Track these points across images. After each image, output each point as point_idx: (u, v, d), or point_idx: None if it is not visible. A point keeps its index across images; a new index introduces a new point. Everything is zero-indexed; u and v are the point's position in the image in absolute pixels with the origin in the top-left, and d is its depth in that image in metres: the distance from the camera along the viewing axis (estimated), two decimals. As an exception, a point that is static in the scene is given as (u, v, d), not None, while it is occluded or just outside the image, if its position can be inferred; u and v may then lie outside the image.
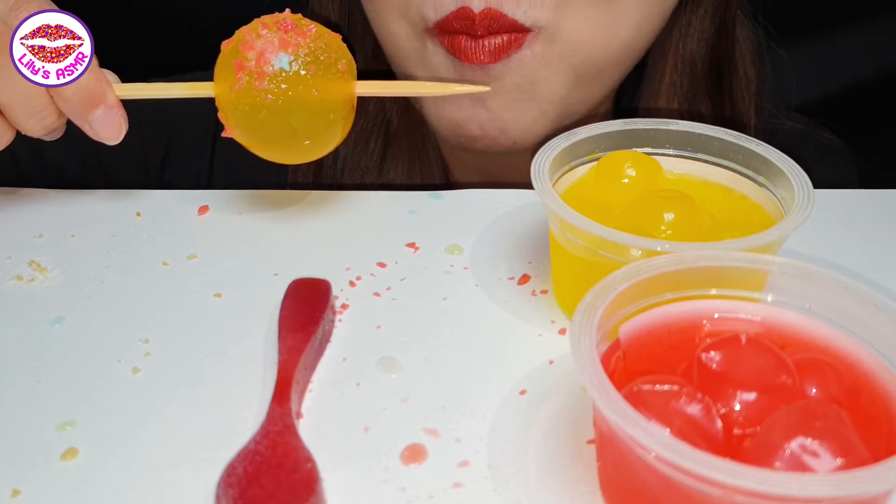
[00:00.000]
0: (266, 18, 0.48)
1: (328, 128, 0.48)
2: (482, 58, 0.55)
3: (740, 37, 0.65)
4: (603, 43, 0.57)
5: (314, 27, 0.48)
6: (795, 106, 0.73)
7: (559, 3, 0.54)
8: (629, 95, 0.68)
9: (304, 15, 0.49)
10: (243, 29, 0.48)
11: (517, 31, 0.54)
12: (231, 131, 0.48)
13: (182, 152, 0.75)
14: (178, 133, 0.75)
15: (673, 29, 0.63)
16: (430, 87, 0.51)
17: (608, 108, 0.69)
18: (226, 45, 0.48)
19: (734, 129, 0.48)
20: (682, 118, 0.49)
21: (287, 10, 0.48)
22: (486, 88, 0.50)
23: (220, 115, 0.48)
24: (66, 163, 0.72)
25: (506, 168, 0.67)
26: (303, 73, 0.46)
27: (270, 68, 0.46)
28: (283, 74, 0.46)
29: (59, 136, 0.50)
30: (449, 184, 0.70)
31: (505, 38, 0.55)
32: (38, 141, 0.49)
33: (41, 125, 0.47)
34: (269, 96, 0.46)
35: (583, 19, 0.55)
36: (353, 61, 0.49)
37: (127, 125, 0.49)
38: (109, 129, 0.48)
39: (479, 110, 0.58)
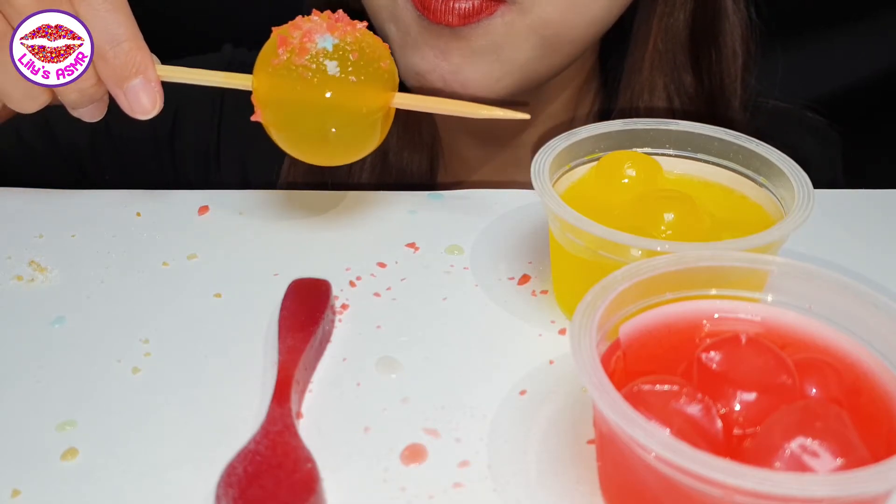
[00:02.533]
0: (317, 12, 0.47)
1: (359, 121, 0.46)
2: (450, 19, 0.55)
3: (729, 11, 0.65)
4: (573, 19, 0.57)
5: (363, 25, 0.47)
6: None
7: None
8: (614, 63, 0.68)
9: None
10: (296, 18, 0.47)
11: None
12: (261, 115, 0.47)
13: (190, 120, 0.76)
14: (186, 103, 0.76)
15: (656, 3, 0.64)
16: (469, 107, 0.49)
17: (587, 76, 0.69)
18: (276, 29, 0.47)
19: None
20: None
21: (339, 10, 0.48)
22: (526, 116, 0.49)
23: (253, 97, 0.47)
24: (76, 137, 0.73)
25: (497, 135, 0.68)
26: (345, 57, 0.45)
27: (314, 46, 0.45)
28: (325, 54, 0.45)
29: (98, 116, 0.49)
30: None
31: (476, 3, 0.55)
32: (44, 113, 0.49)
33: (77, 90, 0.47)
34: (308, 73, 0.44)
35: None
36: (395, 70, 0.48)
37: (162, 103, 0.48)
38: (144, 100, 0.47)
39: (442, 62, 0.58)
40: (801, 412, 0.30)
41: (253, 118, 0.47)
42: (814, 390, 0.32)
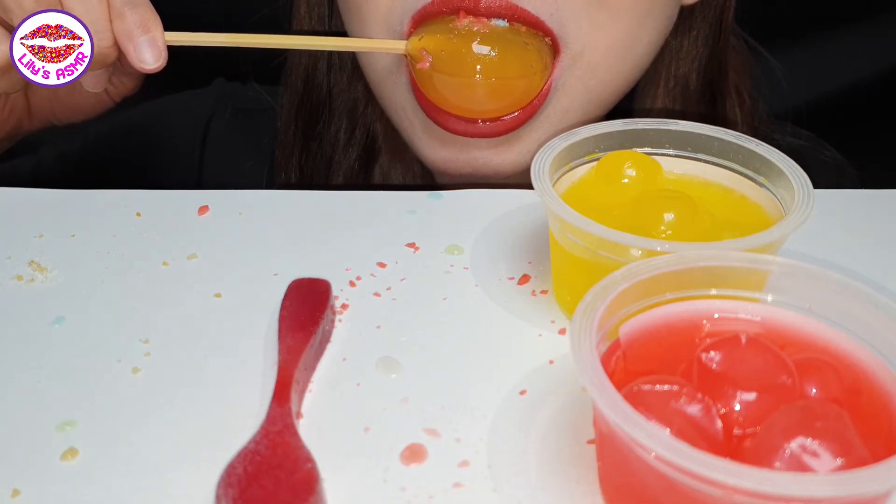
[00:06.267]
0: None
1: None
2: (487, 131, 0.55)
3: (732, 57, 0.65)
4: (618, 61, 0.56)
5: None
6: (793, 108, 0.73)
7: (590, 11, 0.53)
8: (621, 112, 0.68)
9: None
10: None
11: (535, 27, 0.53)
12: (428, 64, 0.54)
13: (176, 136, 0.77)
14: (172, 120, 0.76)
15: (664, 52, 0.63)
16: None
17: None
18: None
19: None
20: None
21: None
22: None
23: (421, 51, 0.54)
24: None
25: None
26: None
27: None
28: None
29: (102, 86, 0.54)
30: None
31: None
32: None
33: (98, 51, 0.50)
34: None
35: (604, 35, 0.54)
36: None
37: (165, 61, 0.51)
38: (149, 56, 0.51)
39: (467, 155, 0.57)
40: (801, 412, 0.30)
41: (419, 66, 0.54)
42: (814, 390, 0.32)
